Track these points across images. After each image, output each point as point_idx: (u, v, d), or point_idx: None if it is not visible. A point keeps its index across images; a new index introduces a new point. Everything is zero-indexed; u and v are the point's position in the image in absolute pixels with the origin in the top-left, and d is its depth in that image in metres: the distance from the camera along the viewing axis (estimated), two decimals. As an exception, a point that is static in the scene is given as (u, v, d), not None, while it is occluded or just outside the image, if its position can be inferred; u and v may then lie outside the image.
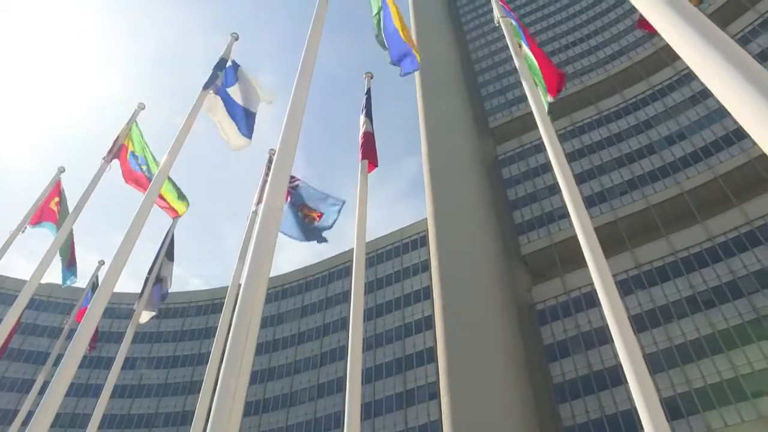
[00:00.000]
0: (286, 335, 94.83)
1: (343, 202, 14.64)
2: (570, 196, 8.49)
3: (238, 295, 5.17)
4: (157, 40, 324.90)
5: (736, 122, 2.99)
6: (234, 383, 4.17)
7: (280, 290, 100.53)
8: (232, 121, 14.33)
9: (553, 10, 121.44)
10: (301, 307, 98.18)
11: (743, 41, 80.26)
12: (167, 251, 18.53)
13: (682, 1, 3.77)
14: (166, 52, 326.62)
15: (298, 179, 14.90)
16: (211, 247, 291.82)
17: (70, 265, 20.01)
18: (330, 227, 14.80)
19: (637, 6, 4.25)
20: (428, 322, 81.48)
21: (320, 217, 14.81)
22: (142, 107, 17.71)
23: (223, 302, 14.10)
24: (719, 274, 66.15)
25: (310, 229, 14.83)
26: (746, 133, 2.92)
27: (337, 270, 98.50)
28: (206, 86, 13.81)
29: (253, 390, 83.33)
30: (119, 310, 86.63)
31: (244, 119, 14.42)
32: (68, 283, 20.35)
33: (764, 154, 2.68)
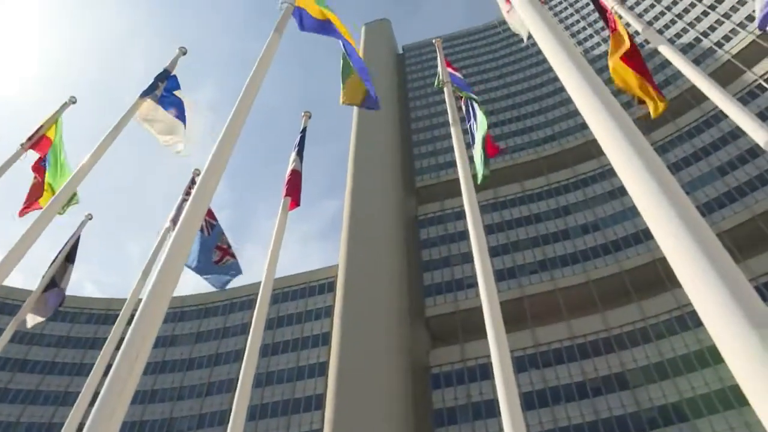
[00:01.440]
0: (175, 358, 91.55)
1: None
2: (481, 267, 8.65)
3: (135, 310, 5.00)
4: (97, 36, 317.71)
5: (645, 222, 3.16)
6: (115, 402, 4.00)
7: (179, 312, 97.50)
8: (181, 121, 14.07)
9: (495, 86, 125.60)
10: (196, 333, 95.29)
11: (662, 150, 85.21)
12: (69, 253, 17.69)
13: (614, 104, 3.97)
14: (105, 48, 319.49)
15: (216, 221, 14.79)
16: (111, 254, 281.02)
17: None
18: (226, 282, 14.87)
19: (574, 99, 4.43)
20: (322, 369, 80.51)
21: (230, 261, 14.78)
22: (72, 101, 16.36)
23: (118, 314, 13.62)
24: (610, 364, 68.34)
25: (215, 267, 14.69)
26: (652, 234, 3.09)
27: (240, 301, 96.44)
28: (144, 94, 13.48)
29: (130, 410, 79.82)
30: (2, 305, 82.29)
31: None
32: None
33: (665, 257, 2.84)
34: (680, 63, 10.34)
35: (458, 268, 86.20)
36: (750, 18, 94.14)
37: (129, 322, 5.02)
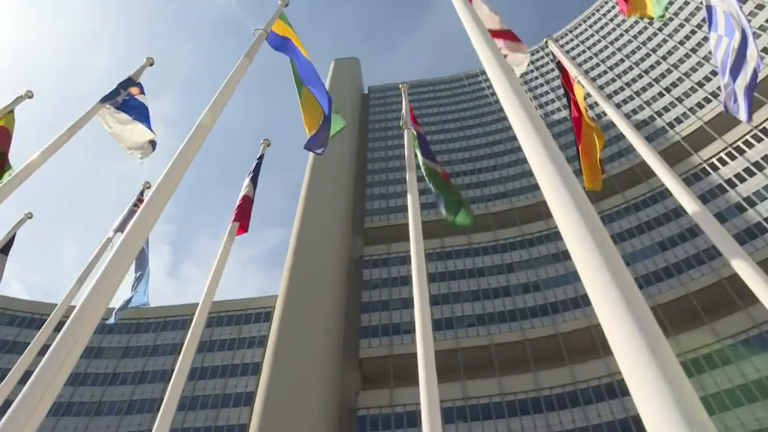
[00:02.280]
0: (99, 371, 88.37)
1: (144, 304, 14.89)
2: (421, 315, 8.64)
3: (65, 316, 4.85)
4: (62, 33, 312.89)
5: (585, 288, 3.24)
6: (30, 412, 3.86)
7: (110, 323, 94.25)
8: (141, 123, 13.91)
9: (455, 137, 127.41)
10: (124, 347, 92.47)
11: (608, 219, 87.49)
12: (4, 248, 17.11)
13: (567, 170, 4.07)
14: (69, 47, 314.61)
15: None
16: (44, 254, 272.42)
17: None
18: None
19: (529, 160, 4.52)
20: (248, 398, 78.97)
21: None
22: (29, 95, 14.95)
23: (44, 319, 13.21)
24: (537, 424, 68.64)
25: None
26: (590, 300, 3.16)
27: (174, 320, 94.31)
28: (104, 100, 13.28)
29: (42, 422, 76.54)
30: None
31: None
32: None
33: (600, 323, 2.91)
34: (633, 138, 10.69)
35: (397, 312, 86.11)
36: (700, 105, 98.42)
37: (57, 329, 4.86)
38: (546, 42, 15.78)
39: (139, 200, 16.15)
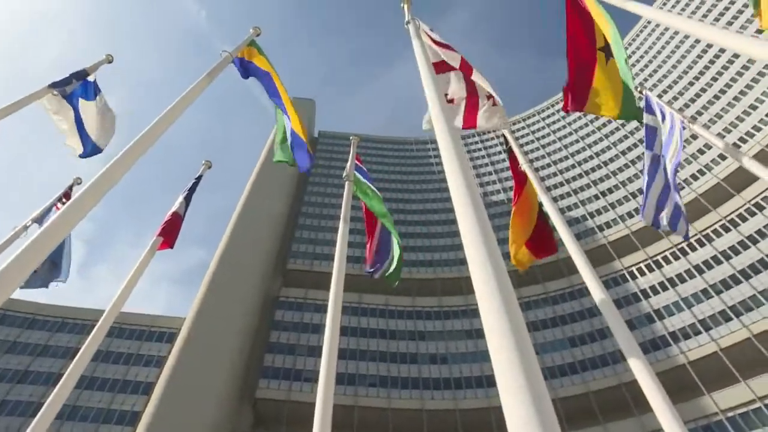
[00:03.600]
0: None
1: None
2: (327, 366, 8.54)
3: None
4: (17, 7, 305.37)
5: (491, 370, 3.31)
6: None
7: (1, 314, 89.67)
8: (76, 129, 13.64)
9: (392, 197, 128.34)
10: (11, 342, 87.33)
11: (526, 306, 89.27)
12: None
13: (496, 251, 4.17)
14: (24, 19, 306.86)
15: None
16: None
17: None
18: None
19: (462, 236, 4.60)
20: (133, 419, 75.90)
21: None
22: None
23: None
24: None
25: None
26: (495, 381, 3.22)
27: (72, 322, 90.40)
28: (53, 85, 12.97)
29: None
30: None
31: (86, 137, 13.83)
32: None
33: (499, 406, 2.97)
34: (564, 233, 10.99)
35: (302, 359, 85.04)
36: (630, 214, 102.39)
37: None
38: (498, 125, 16.17)
39: (65, 195, 15.72)
